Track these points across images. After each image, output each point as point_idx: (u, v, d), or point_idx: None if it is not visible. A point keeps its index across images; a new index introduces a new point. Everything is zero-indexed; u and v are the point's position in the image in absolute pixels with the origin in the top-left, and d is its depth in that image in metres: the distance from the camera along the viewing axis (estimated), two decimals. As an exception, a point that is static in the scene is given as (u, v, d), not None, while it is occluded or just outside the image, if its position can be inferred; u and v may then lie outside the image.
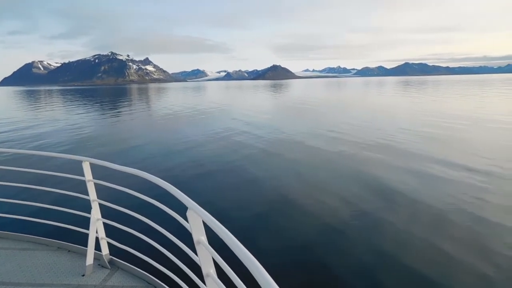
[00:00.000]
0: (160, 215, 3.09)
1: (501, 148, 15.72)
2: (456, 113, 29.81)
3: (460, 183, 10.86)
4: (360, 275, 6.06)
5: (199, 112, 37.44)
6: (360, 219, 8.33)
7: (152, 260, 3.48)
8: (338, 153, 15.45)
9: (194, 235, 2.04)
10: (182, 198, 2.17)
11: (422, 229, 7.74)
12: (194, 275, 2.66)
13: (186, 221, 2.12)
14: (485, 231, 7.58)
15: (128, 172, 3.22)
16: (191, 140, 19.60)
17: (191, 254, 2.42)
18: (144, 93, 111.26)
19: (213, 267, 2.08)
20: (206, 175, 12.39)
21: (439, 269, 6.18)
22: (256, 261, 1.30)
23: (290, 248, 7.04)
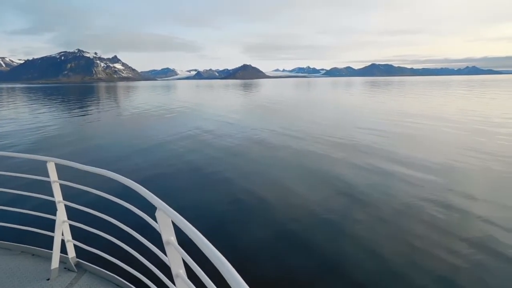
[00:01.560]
0: (128, 215, 3.02)
1: (455, 144, 16.45)
2: (416, 112, 30.98)
3: (419, 178, 11.29)
4: (324, 270, 6.16)
5: (168, 111, 36.95)
6: (324, 215, 8.49)
7: (121, 262, 3.39)
8: (304, 151, 15.69)
9: (163, 235, 2.01)
10: (151, 198, 2.13)
11: (385, 224, 7.99)
12: (164, 276, 2.61)
13: (155, 221, 2.09)
14: (446, 224, 7.92)
15: (95, 172, 3.12)
16: (160, 139, 19.31)
17: (161, 255, 2.37)
18: (112, 91, 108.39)
19: (183, 267, 2.06)
20: (176, 175, 12.26)
21: (403, 262, 6.39)
22: (225, 260, 1.29)
23: (259, 246, 7.07)
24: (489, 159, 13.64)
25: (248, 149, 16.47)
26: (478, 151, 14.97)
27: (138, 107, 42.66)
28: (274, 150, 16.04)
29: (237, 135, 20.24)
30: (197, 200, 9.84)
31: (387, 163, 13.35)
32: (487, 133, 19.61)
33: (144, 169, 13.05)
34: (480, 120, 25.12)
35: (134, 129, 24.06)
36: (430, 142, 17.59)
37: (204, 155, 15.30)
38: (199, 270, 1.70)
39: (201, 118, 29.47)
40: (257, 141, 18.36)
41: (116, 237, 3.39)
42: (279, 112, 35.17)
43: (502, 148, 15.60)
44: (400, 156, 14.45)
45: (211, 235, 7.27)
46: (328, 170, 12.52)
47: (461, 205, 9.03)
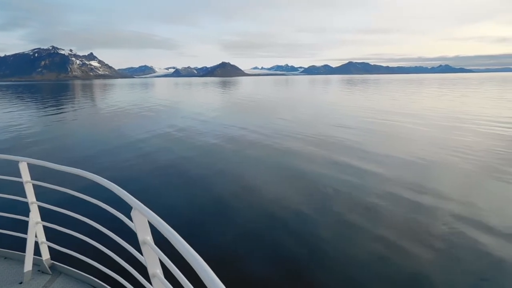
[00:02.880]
0: (104, 215, 2.98)
1: (422, 140, 16.94)
2: (388, 110, 31.80)
3: (389, 173, 11.57)
4: (298, 266, 6.23)
5: (145, 109, 36.37)
6: (297, 212, 8.58)
7: (97, 263, 3.33)
8: (279, 148, 15.79)
9: (139, 235, 1.99)
10: (127, 198, 2.10)
11: (356, 219, 8.14)
12: (141, 276, 2.58)
13: (131, 221, 2.06)
14: (415, 219, 8.14)
15: (69, 172, 3.04)
16: (137, 138, 19.00)
17: (137, 255, 2.35)
18: (88, 89, 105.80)
19: (160, 267, 2.05)
20: (152, 173, 12.12)
21: (375, 258, 6.54)
22: (201, 260, 1.29)
23: (234, 244, 7.08)
24: (455, 154, 14.11)
25: (225, 147, 16.43)
26: (445, 147, 15.47)
27: (115, 105, 41.81)
28: (250, 148, 16.06)
29: (213, 133, 20.17)
30: (173, 198, 9.77)
31: (358, 159, 13.61)
32: (454, 129, 20.29)
33: (120, 168, 12.84)
34: (448, 117, 25.94)
35: (110, 128, 23.57)
36: (400, 139, 18.07)
37: (181, 153, 15.18)
38: (176, 270, 1.69)
39: (178, 116, 29.22)
40: (234, 139, 18.35)
41: (92, 238, 3.32)
42: (256, 110, 35.24)
43: (466, 143, 16.18)
44: (371, 152, 14.77)
45: (188, 234, 7.25)
46: (302, 167, 12.65)
47: (429, 200, 9.30)
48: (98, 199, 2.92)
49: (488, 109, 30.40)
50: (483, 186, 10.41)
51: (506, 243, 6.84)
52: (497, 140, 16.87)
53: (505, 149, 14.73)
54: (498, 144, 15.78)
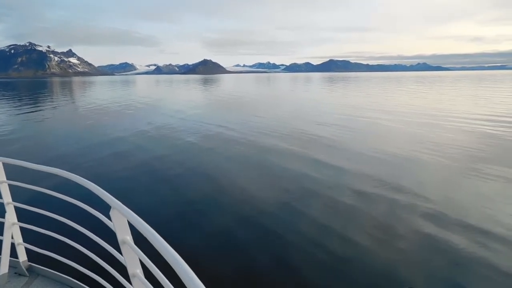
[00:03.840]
0: (82, 215, 2.92)
1: (402, 136, 17.36)
2: (366, 107, 32.29)
3: (364, 170, 11.82)
4: (278, 264, 6.30)
5: (125, 107, 35.78)
6: (280, 210, 8.64)
7: (76, 263, 3.26)
8: (258, 145, 15.87)
9: (119, 235, 1.96)
10: (105, 197, 2.06)
11: (334, 218, 8.30)
12: (121, 276, 2.56)
13: (110, 220, 2.04)
14: (390, 216, 8.35)
15: (46, 171, 2.97)
16: (116, 136, 18.72)
17: (117, 255, 2.32)
18: (66, 87, 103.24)
19: (140, 267, 2.01)
20: (131, 172, 11.97)
21: (352, 254, 6.68)
22: (181, 259, 1.27)
23: (214, 243, 7.09)
24: (426, 150, 14.50)
25: (203, 145, 16.35)
26: (417, 143, 15.87)
27: (94, 103, 40.94)
28: (229, 146, 16.04)
29: (193, 131, 20.04)
30: (152, 197, 9.69)
31: (333, 156, 13.83)
32: (427, 126, 20.80)
33: (98, 167, 12.65)
34: (422, 114, 26.55)
35: (89, 126, 23.09)
36: (376, 136, 18.43)
37: (160, 151, 15.03)
38: (156, 270, 1.66)
39: (158, 114, 28.90)
40: (213, 137, 18.29)
41: (71, 238, 3.25)
42: (236, 107, 35.13)
43: (438, 139, 16.64)
44: (346, 149, 15.03)
45: (167, 233, 7.19)
46: (278, 164, 12.74)
47: (402, 197, 9.54)
48: (76, 199, 2.87)
49: (460, 106, 31.27)
50: (454, 181, 10.73)
51: (477, 239, 7.10)
52: (468, 136, 17.41)
53: (475, 145, 15.21)
54: (468, 140, 16.29)
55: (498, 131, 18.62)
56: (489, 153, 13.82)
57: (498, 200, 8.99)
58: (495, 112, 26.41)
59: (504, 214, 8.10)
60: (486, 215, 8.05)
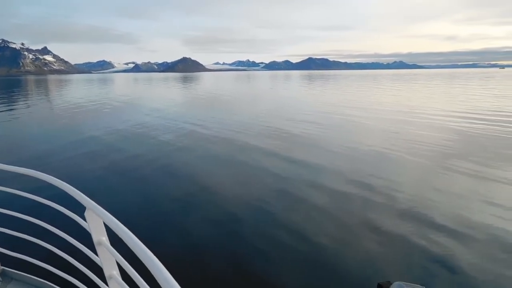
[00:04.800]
0: (57, 217, 2.80)
1: (376, 133, 17.63)
2: (342, 104, 32.83)
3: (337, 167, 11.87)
4: (254, 265, 6.17)
5: (101, 105, 35.00)
6: (255, 208, 8.52)
7: (51, 266, 3.10)
8: (235, 144, 15.80)
9: (94, 236, 1.92)
10: (80, 198, 2.01)
11: (307, 215, 8.25)
12: (97, 278, 2.48)
13: (86, 221, 1.99)
14: (365, 212, 8.37)
15: (18, 172, 2.77)
16: (91, 135, 18.23)
17: (92, 256, 2.30)
18: (41, 85, 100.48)
19: (116, 268, 1.98)
20: (107, 172, 11.67)
21: (326, 250, 6.63)
22: (157, 260, 1.27)
23: (192, 244, 6.93)
24: (398, 146, 14.74)
25: (180, 143, 16.13)
26: (389, 138, 16.13)
27: (69, 102, 39.94)
28: (206, 144, 15.87)
29: (169, 130, 19.80)
30: (128, 197, 9.46)
31: (309, 153, 13.90)
32: (399, 123, 21.28)
33: (72, 167, 12.27)
34: (396, 111, 27.18)
35: (63, 125, 22.46)
36: (352, 132, 18.65)
37: (137, 150, 14.71)
38: (132, 271, 1.63)
39: (135, 112, 28.46)
40: (190, 136, 18.08)
41: (45, 240, 3.11)
42: (214, 106, 35.00)
43: (410, 135, 16.97)
44: (320, 146, 15.13)
45: (144, 233, 7.03)
46: (256, 162, 12.68)
47: (376, 192, 9.60)
48: (50, 200, 2.73)
49: (431, 104, 32.14)
50: (425, 177, 10.89)
51: (447, 234, 7.18)
52: (438, 132, 17.82)
53: (444, 141, 15.54)
54: (439, 136, 16.66)
55: (466, 126, 19.18)
56: (457, 148, 14.13)
57: (468, 195, 9.16)
58: (464, 109, 27.21)
59: (473, 210, 8.25)
60: (456, 211, 8.16)
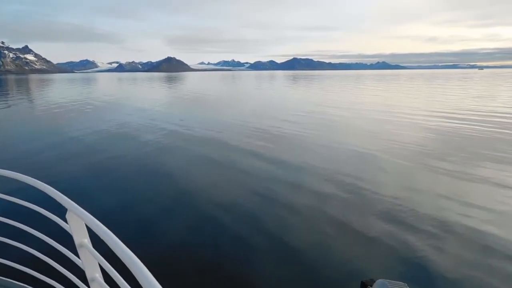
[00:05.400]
0: (37, 219, 2.73)
1: (358, 131, 17.87)
2: (325, 103, 33.12)
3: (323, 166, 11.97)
4: (237, 264, 6.16)
5: (82, 105, 34.26)
6: (238, 210, 8.48)
7: (32, 270, 2.99)
8: (216, 143, 15.75)
9: (76, 238, 1.88)
10: (61, 200, 1.96)
11: (288, 212, 8.29)
12: (79, 281, 2.44)
13: (67, 223, 1.95)
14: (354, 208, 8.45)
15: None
16: (73, 136, 17.88)
17: (74, 259, 2.26)
18: (22, 84, 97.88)
19: (99, 270, 1.95)
20: (90, 173, 11.47)
21: (310, 249, 6.66)
22: (140, 262, 1.25)
23: (175, 245, 6.87)
24: (381, 144, 14.95)
25: (163, 144, 15.96)
26: (370, 137, 16.36)
27: (50, 102, 39.00)
28: (189, 144, 15.77)
29: (153, 130, 19.58)
30: (110, 198, 9.32)
31: (292, 152, 13.97)
32: (380, 122, 21.63)
33: (54, 168, 12.00)
34: (377, 110, 27.57)
35: (44, 126, 21.97)
36: (335, 132, 18.80)
37: (119, 151, 14.53)
38: (115, 273, 1.61)
39: (118, 113, 28.07)
40: (173, 136, 17.94)
41: (25, 243, 3.00)
42: (198, 106, 34.84)
43: (390, 133, 17.24)
44: (303, 146, 15.27)
45: (127, 234, 6.93)
46: (238, 161, 12.67)
47: (357, 190, 9.71)
48: (30, 202, 2.64)
49: (411, 103, 32.80)
50: (405, 174, 11.07)
51: (427, 231, 7.31)
52: (419, 131, 18.16)
53: (422, 139, 15.85)
54: (417, 135, 16.98)
55: (443, 126, 19.62)
56: (435, 147, 14.43)
57: (445, 194, 9.35)
58: (441, 109, 27.76)
59: (451, 209, 8.43)
60: (435, 210, 8.32)
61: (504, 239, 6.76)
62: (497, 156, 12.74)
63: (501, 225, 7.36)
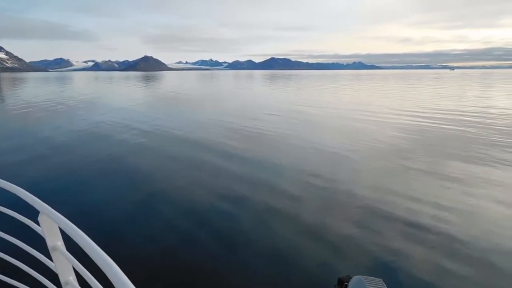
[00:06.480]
0: (8, 222, 2.56)
1: (332, 130, 18.07)
2: (300, 102, 33.43)
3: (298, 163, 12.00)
4: (214, 265, 6.05)
5: (55, 105, 33.08)
6: (214, 210, 8.37)
7: (2, 275, 2.85)
8: (198, 145, 15.54)
9: (49, 241, 1.82)
10: (33, 202, 1.88)
11: (264, 211, 8.26)
12: (53, 285, 2.36)
13: (40, 226, 1.90)
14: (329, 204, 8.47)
15: None
16: (45, 136, 17.29)
17: (48, 262, 2.19)
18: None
19: (73, 274, 1.90)
20: (63, 174, 11.08)
21: (288, 248, 6.63)
22: (114, 264, 1.23)
23: (149, 246, 6.70)
24: (352, 142, 15.16)
25: (137, 144, 15.63)
26: (341, 134, 16.56)
27: (20, 101, 37.54)
28: (164, 145, 15.52)
29: (127, 130, 19.17)
30: (85, 199, 9.04)
31: (268, 151, 13.94)
32: (352, 120, 22.00)
33: (25, 170, 11.56)
34: (351, 109, 28.10)
35: (14, 126, 21.11)
36: (309, 131, 18.94)
37: (91, 151, 14.11)
38: (89, 276, 1.58)
39: (92, 112, 27.40)
40: (147, 135, 17.63)
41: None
42: (175, 105, 34.46)
43: (361, 131, 17.52)
44: (278, 145, 15.36)
45: (101, 237, 6.69)
46: (214, 162, 12.51)
47: (331, 187, 9.78)
48: (0, 204, 2.52)
49: (382, 102, 33.59)
50: (376, 172, 11.25)
51: (402, 229, 7.43)
52: (391, 130, 18.58)
53: (393, 137, 16.19)
54: (387, 132, 17.34)
55: (413, 124, 20.20)
56: (405, 145, 14.78)
57: (417, 190, 9.55)
58: (411, 108, 28.63)
59: (422, 204, 8.60)
60: (407, 206, 8.48)
61: (468, 235, 6.96)
62: (462, 154, 13.13)
63: (465, 221, 7.59)
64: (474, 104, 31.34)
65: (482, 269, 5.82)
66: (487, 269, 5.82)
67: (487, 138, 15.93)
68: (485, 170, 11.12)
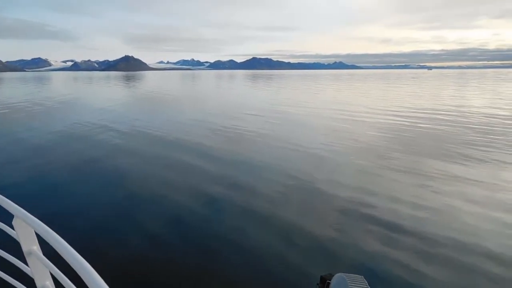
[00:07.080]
0: None
1: (311, 129, 18.16)
2: (281, 102, 33.53)
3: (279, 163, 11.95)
4: (198, 266, 5.96)
5: (31, 106, 32.14)
6: (195, 211, 8.26)
7: None
8: (178, 146, 15.40)
9: (24, 246, 1.78)
10: (7, 205, 1.84)
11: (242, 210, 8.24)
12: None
13: (14, 230, 1.85)
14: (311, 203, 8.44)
15: None
16: (20, 138, 16.73)
17: (23, 267, 2.15)
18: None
19: (50, 278, 1.87)
20: (39, 177, 10.74)
21: (268, 247, 6.56)
22: (91, 268, 1.21)
23: (128, 251, 6.51)
24: (332, 140, 15.23)
25: (116, 145, 15.33)
26: (322, 133, 16.64)
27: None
28: (143, 145, 15.28)
29: (106, 130, 18.78)
30: (61, 202, 8.78)
31: (243, 150, 13.94)
32: (333, 120, 22.13)
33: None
34: (330, 108, 28.39)
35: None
36: (290, 130, 18.99)
37: (69, 153, 13.70)
38: (66, 280, 1.55)
39: (70, 113, 26.81)
40: (126, 136, 17.34)
41: None
42: (154, 105, 34.09)
43: (339, 130, 17.64)
44: (258, 145, 15.36)
45: (78, 240, 6.43)
46: (194, 162, 12.37)
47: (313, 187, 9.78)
48: None
49: (362, 101, 34.03)
50: (356, 171, 11.33)
51: (383, 228, 7.46)
52: (367, 128, 18.78)
53: (374, 137, 16.37)
54: (365, 131, 17.56)
55: (390, 123, 20.65)
56: (383, 144, 14.96)
57: (398, 189, 9.66)
58: (388, 107, 29.24)
59: (403, 203, 8.69)
60: (388, 205, 8.56)
61: (442, 233, 7.05)
62: (438, 153, 13.37)
63: (440, 220, 7.71)
64: (449, 103, 32.07)
65: (457, 266, 5.90)
66: (462, 267, 5.90)
67: (462, 137, 16.27)
68: (460, 168, 11.32)
